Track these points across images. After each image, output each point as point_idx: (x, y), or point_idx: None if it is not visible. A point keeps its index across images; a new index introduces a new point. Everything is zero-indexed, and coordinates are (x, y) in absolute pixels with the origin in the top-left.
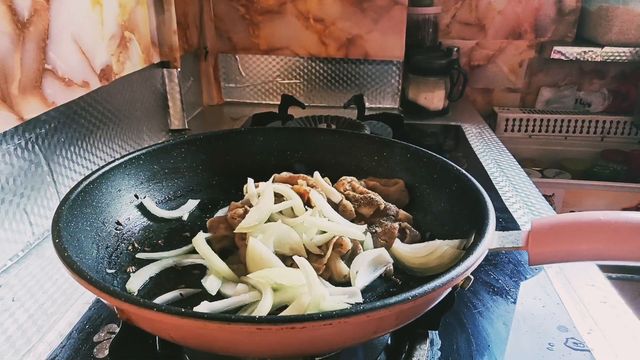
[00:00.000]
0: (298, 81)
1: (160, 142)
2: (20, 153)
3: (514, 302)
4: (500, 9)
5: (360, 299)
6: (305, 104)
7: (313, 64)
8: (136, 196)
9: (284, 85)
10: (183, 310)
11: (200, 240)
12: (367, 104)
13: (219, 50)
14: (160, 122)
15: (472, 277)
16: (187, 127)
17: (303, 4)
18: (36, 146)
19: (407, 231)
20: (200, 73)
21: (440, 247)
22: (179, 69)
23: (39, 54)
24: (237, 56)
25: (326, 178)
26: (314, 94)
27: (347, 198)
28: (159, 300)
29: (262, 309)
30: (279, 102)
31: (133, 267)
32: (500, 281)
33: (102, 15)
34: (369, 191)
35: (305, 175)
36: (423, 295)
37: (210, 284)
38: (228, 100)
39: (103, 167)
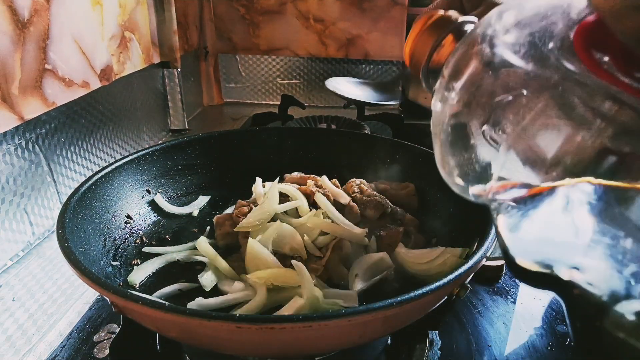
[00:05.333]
0: (298, 81)
1: (174, 139)
2: (20, 153)
3: (514, 302)
4: None
5: (356, 303)
6: (305, 104)
7: (313, 64)
8: (148, 191)
9: (284, 85)
10: (167, 304)
11: (202, 241)
12: None
13: (219, 51)
14: (160, 122)
15: (469, 286)
16: (187, 127)
17: (303, 4)
18: (36, 146)
19: (412, 236)
20: (200, 73)
21: (443, 255)
22: (179, 69)
23: (39, 54)
24: (237, 56)
25: (334, 180)
26: (314, 94)
27: (354, 200)
28: (158, 293)
29: (252, 308)
30: (279, 102)
31: (138, 260)
32: (500, 281)
33: (103, 15)
34: (377, 194)
35: (315, 176)
36: (409, 301)
37: (206, 279)
38: (228, 100)
39: (116, 161)
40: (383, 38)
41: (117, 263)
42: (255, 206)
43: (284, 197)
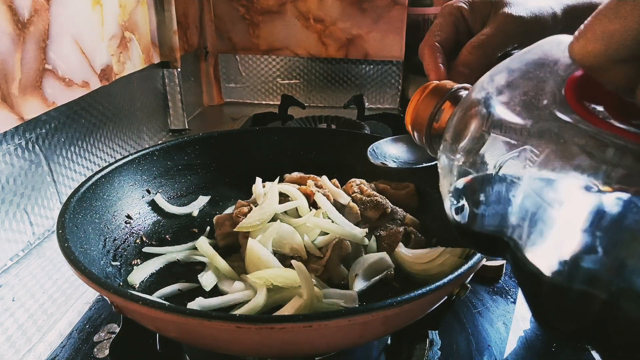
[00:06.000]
0: (298, 81)
1: (174, 139)
2: (20, 153)
3: (514, 302)
4: None
5: (356, 303)
6: (305, 104)
7: (313, 64)
8: (148, 191)
9: (284, 85)
10: (167, 304)
11: (202, 241)
12: (367, 104)
13: (219, 51)
14: (160, 122)
15: (469, 286)
16: (187, 127)
17: (303, 4)
18: (36, 146)
19: (412, 236)
20: (200, 73)
21: (443, 255)
22: (179, 69)
23: (39, 54)
24: (237, 56)
25: (334, 180)
26: (314, 94)
27: (354, 200)
28: (158, 293)
29: (252, 308)
30: (279, 102)
31: (138, 261)
32: (500, 281)
33: (103, 15)
34: (377, 194)
35: (315, 176)
36: (408, 301)
37: (207, 279)
38: (228, 100)
39: (116, 161)
40: (383, 38)
41: (117, 263)
42: (255, 206)
43: (284, 197)
